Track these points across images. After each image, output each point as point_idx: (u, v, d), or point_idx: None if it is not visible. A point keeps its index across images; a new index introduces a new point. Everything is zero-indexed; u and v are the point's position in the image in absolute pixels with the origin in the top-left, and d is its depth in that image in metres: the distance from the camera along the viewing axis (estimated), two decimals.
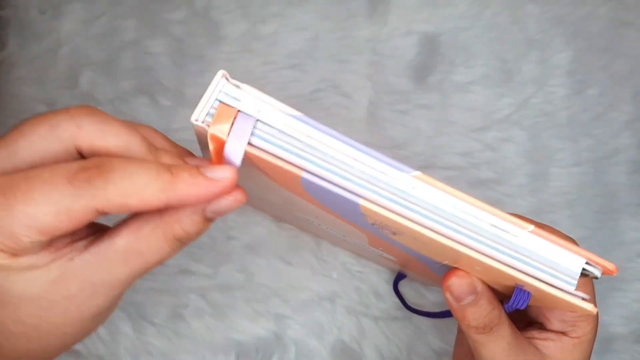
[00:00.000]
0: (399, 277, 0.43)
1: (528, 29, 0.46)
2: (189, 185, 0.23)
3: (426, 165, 0.44)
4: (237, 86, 0.24)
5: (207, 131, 0.24)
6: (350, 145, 0.24)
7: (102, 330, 0.42)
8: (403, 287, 0.43)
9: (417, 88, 0.46)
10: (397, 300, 0.43)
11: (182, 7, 0.46)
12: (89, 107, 0.24)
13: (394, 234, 0.27)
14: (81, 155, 0.24)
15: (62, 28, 0.46)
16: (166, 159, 0.25)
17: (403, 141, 0.45)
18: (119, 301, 0.26)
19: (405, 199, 0.24)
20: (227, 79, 0.24)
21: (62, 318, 0.24)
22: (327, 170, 0.24)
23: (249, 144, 0.24)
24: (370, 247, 0.35)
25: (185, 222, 0.25)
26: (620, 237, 0.44)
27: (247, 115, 0.24)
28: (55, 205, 0.22)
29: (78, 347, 0.42)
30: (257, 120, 0.24)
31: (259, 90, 0.24)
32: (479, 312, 0.28)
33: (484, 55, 0.46)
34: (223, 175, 0.23)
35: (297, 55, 0.46)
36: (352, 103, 0.45)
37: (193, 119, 0.24)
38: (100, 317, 0.26)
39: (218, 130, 0.23)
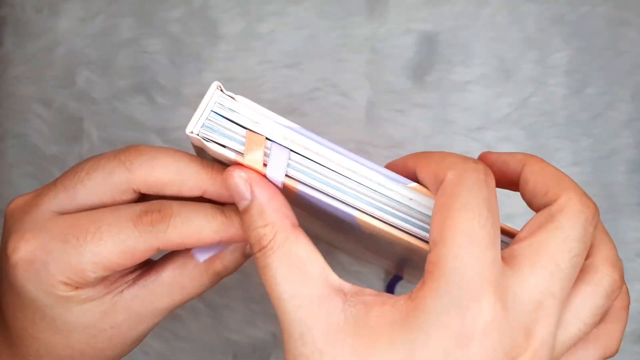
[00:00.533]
0: (396, 278, 0.43)
1: (527, 28, 0.46)
2: (239, 228, 0.25)
3: None
4: (232, 97, 0.24)
5: (201, 142, 0.24)
6: (347, 157, 0.24)
7: None
8: (401, 288, 0.43)
9: (416, 87, 0.45)
10: None
11: (180, 6, 0.46)
12: (136, 147, 0.26)
13: (390, 243, 0.26)
14: (140, 194, 0.26)
15: (59, 27, 0.46)
16: (220, 177, 0.26)
17: (401, 140, 0.45)
18: (156, 327, 0.28)
19: (401, 211, 0.24)
20: (221, 90, 0.24)
21: (107, 344, 0.27)
22: (323, 182, 0.24)
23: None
24: (367, 252, 0.35)
25: (226, 259, 0.27)
26: (619, 236, 0.44)
27: (280, 145, 0.24)
28: (121, 246, 0.24)
29: None
30: (291, 150, 0.24)
31: (254, 102, 0.24)
32: (249, 221, 0.24)
33: (482, 54, 0.46)
34: None
35: (295, 54, 0.46)
36: (350, 102, 0.45)
37: (188, 130, 0.24)
38: (138, 341, 0.28)
39: (251, 160, 0.24)
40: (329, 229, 0.31)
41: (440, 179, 0.22)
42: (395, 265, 0.37)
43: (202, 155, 0.29)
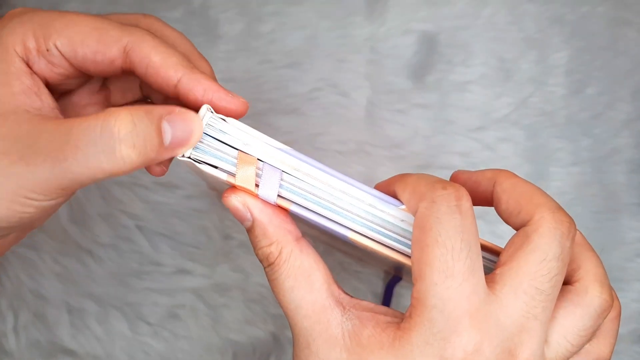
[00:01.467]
0: (395, 279, 0.43)
1: (526, 28, 0.46)
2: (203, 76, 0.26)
3: (424, 165, 0.44)
4: (223, 119, 0.24)
5: (193, 165, 0.24)
6: (338, 178, 0.24)
7: (98, 329, 0.42)
8: (401, 288, 0.43)
9: (416, 87, 0.45)
10: (395, 300, 0.43)
11: (180, 6, 0.46)
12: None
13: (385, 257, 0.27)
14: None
15: None
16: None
17: (401, 141, 0.45)
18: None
19: (394, 231, 0.24)
20: (211, 112, 0.24)
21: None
22: (316, 203, 0.24)
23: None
24: (365, 257, 0.36)
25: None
26: (619, 237, 0.44)
27: (272, 166, 0.24)
28: (93, 23, 0.25)
29: (74, 346, 0.42)
30: (282, 171, 0.24)
31: (244, 124, 0.24)
32: (254, 241, 0.25)
33: (482, 55, 0.46)
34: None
35: (295, 53, 0.46)
36: (350, 102, 0.45)
37: (179, 155, 0.24)
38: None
39: (243, 180, 0.24)
40: (327, 237, 0.32)
41: (414, 210, 0.23)
42: (392, 269, 0.37)
43: (201, 177, 0.29)
